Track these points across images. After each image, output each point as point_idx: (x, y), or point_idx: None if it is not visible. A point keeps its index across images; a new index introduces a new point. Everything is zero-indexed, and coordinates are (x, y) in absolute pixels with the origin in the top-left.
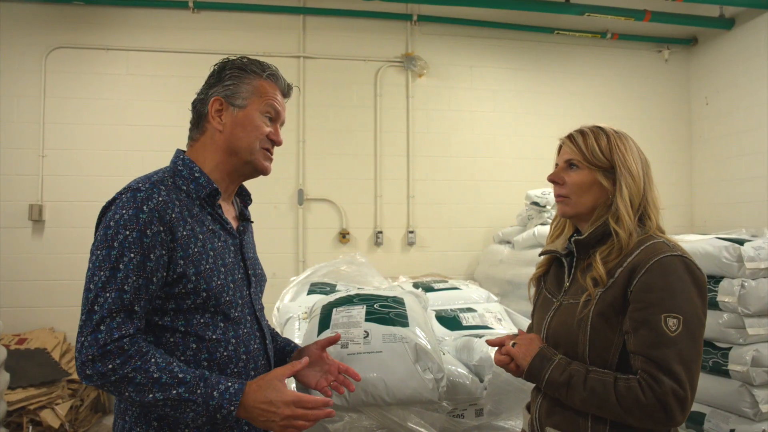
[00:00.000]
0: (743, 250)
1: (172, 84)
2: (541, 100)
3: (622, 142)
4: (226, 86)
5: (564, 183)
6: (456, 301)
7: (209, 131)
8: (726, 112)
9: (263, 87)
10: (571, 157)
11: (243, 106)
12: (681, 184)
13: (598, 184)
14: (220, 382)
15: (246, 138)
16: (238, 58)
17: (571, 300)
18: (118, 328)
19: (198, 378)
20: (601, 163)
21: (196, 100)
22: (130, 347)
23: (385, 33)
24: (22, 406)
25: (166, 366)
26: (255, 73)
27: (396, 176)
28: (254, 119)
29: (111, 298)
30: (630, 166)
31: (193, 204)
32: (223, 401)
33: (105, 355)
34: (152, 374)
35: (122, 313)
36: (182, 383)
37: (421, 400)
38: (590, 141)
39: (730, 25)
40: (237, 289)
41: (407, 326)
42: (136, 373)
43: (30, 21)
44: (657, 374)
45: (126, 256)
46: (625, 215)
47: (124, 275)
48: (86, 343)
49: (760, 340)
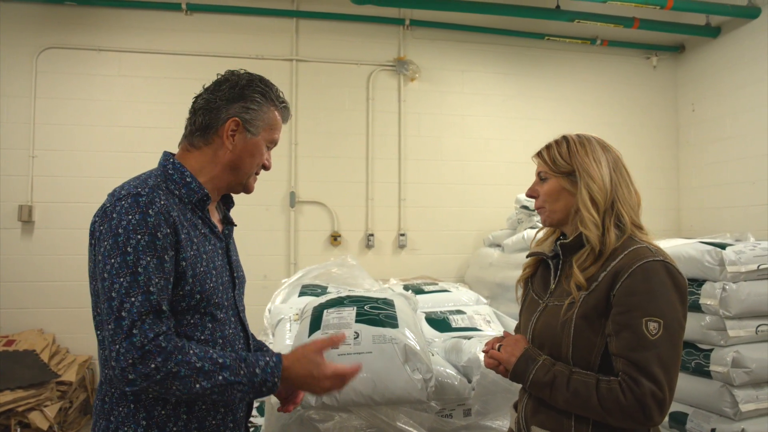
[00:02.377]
0: (725, 254)
1: (164, 86)
2: (532, 104)
3: (583, 146)
4: (248, 109)
5: (538, 195)
6: (446, 304)
7: (216, 145)
8: (711, 118)
9: (276, 119)
10: (541, 170)
11: (256, 134)
12: (668, 189)
13: (564, 190)
14: (258, 359)
15: (250, 165)
16: (258, 78)
17: (556, 302)
18: (150, 329)
19: (238, 360)
20: (564, 169)
21: (207, 107)
22: (167, 343)
23: (377, 37)
24: (10, 408)
25: (205, 355)
26: (273, 102)
27: (387, 179)
28: (261, 149)
29: (138, 301)
30: (588, 168)
31: (185, 208)
32: (266, 376)
33: (145, 356)
34: (195, 365)
35: (152, 315)
36: (225, 368)
37: (410, 400)
38: (553, 151)
39: (716, 34)
40: (224, 291)
41: (397, 327)
42: (180, 367)
43: (21, 21)
44: (637, 376)
45: (143, 260)
46: (586, 216)
47: (146, 278)
48: (122, 349)
49: (740, 342)
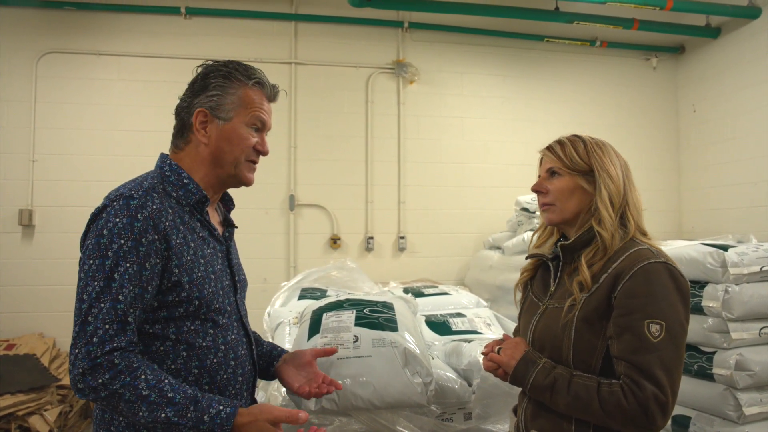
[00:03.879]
0: (727, 256)
1: (163, 89)
2: (531, 106)
3: (599, 147)
4: (211, 97)
5: (547, 191)
6: (446, 307)
7: (193, 142)
8: (712, 119)
9: (249, 96)
10: (552, 166)
11: (228, 118)
12: (669, 190)
13: (580, 188)
14: (211, 405)
15: (231, 152)
16: (221, 64)
17: (556, 304)
18: (110, 341)
19: (188, 399)
20: (581, 167)
21: (179, 107)
22: (121, 361)
23: (376, 40)
24: (10, 412)
25: (157, 384)
26: (240, 81)
27: (387, 182)
28: (240, 132)
29: (105, 308)
30: (608, 169)
31: (183, 211)
32: (214, 426)
33: (95, 368)
34: (141, 392)
35: (116, 325)
36: (171, 404)
37: (409, 404)
38: (568, 148)
39: (716, 34)
40: (225, 296)
41: (396, 331)
42: (125, 389)
43: (21, 26)
44: (639, 379)
45: (121, 266)
46: (606, 216)
47: (119, 285)
48: (79, 355)
49: (743, 345)
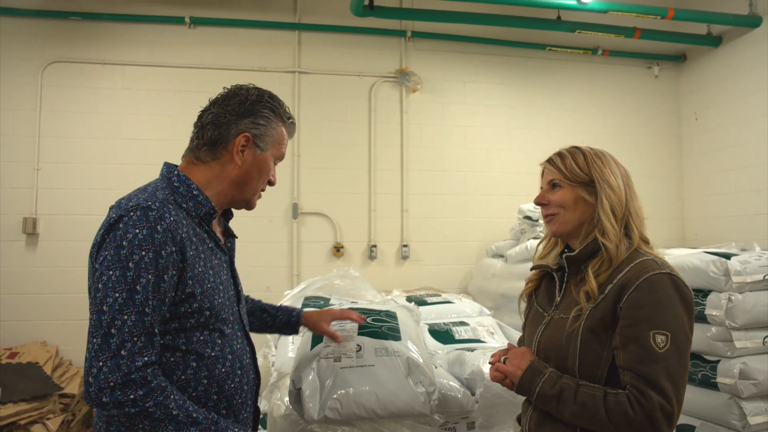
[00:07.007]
0: (730, 265)
1: (168, 98)
2: (533, 115)
3: (599, 158)
4: (258, 125)
5: (549, 203)
6: (449, 315)
7: (224, 160)
8: (715, 127)
9: (283, 134)
10: (553, 178)
11: (265, 150)
12: (672, 198)
13: (582, 199)
14: (228, 427)
15: (257, 181)
16: (270, 96)
17: (561, 315)
18: (140, 354)
19: (210, 420)
20: (581, 179)
21: (216, 121)
22: (154, 379)
23: (379, 49)
24: (13, 421)
25: (183, 404)
26: (280, 118)
27: (390, 190)
28: (269, 165)
29: (131, 320)
30: (608, 179)
31: (193, 222)
32: None
33: (127, 384)
34: (171, 411)
35: (143, 337)
36: (196, 423)
37: (413, 414)
38: (568, 160)
39: (718, 43)
40: (230, 306)
41: (399, 340)
42: (156, 408)
43: (27, 35)
44: (645, 390)
45: (143, 278)
46: (609, 226)
47: (143, 297)
48: (105, 368)
49: (747, 353)
